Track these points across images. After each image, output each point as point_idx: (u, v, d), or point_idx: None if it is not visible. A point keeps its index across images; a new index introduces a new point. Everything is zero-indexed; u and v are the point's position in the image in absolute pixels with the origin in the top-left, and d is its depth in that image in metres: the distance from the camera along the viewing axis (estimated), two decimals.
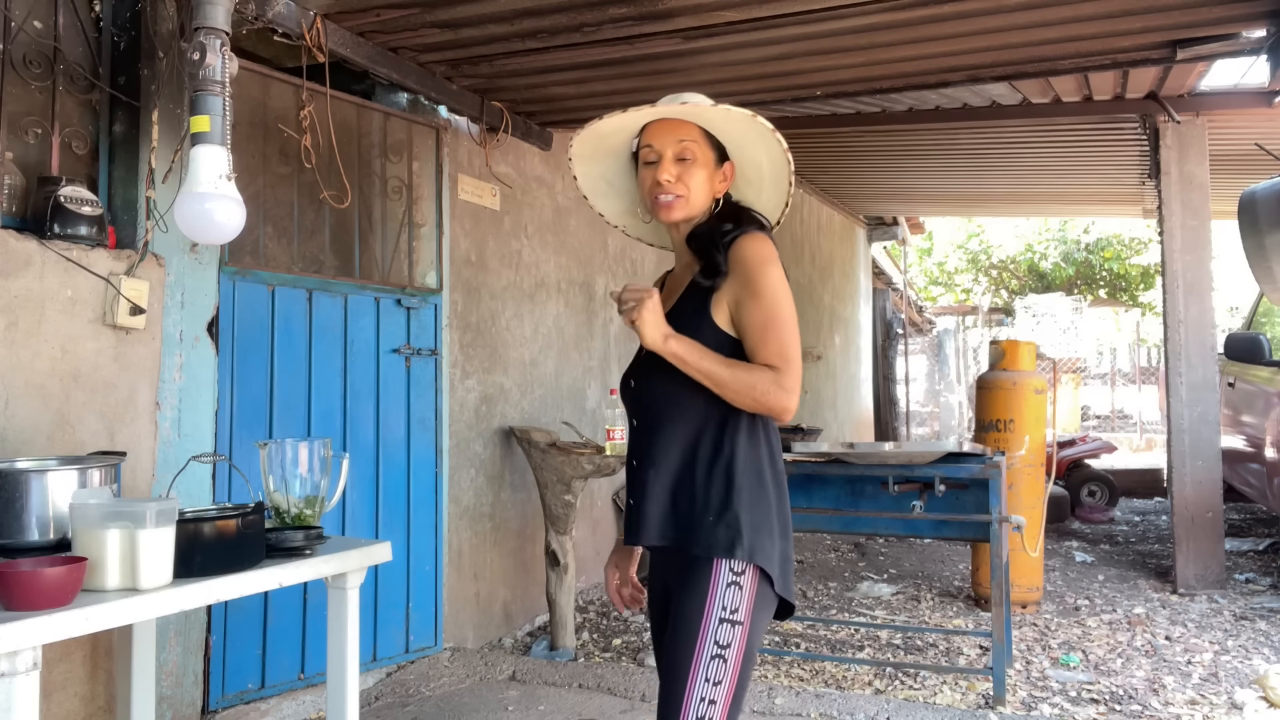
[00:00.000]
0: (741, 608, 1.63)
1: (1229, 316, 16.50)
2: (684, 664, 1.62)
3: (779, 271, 1.69)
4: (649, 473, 1.73)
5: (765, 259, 1.69)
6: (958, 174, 8.00)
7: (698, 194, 1.76)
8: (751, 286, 1.67)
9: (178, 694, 2.95)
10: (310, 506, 2.35)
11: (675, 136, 1.75)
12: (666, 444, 1.72)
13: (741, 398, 1.63)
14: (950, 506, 3.79)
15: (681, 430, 1.71)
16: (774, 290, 1.67)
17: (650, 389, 1.76)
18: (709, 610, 1.62)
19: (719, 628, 1.62)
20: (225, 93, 2.41)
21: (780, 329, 1.65)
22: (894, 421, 12.57)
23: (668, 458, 1.71)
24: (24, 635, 1.62)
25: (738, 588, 1.63)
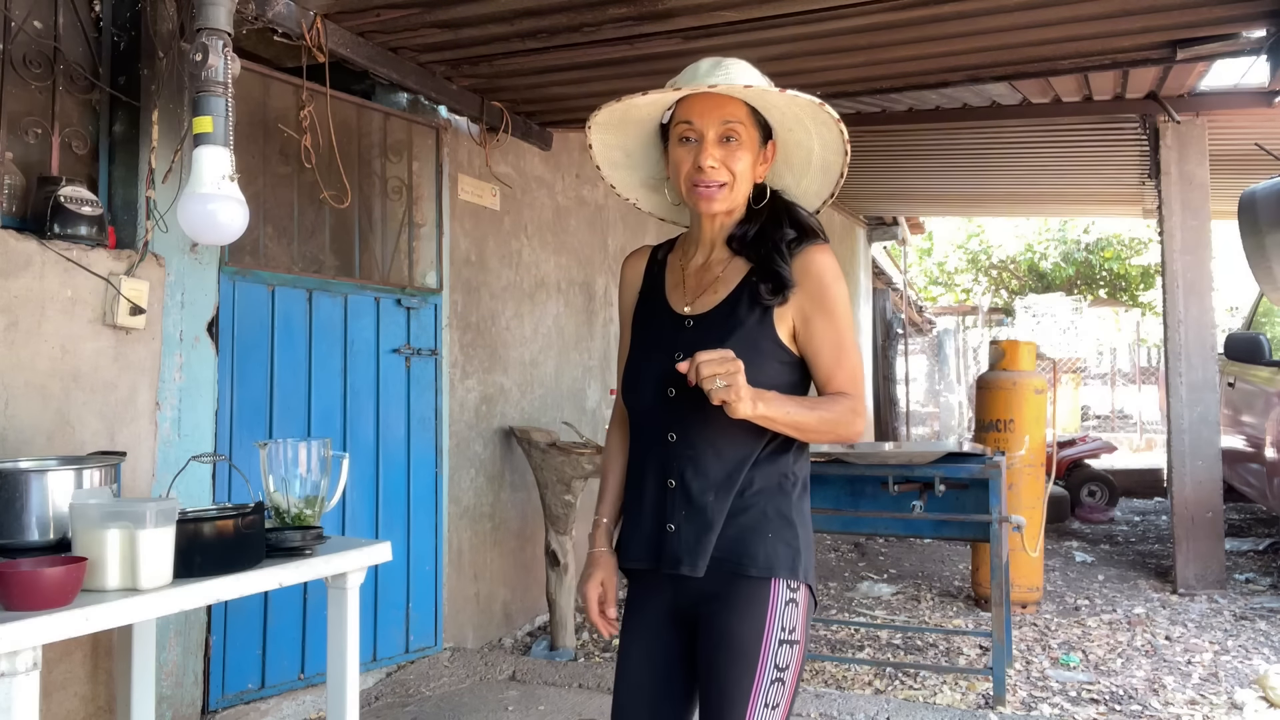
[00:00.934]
0: (798, 627, 1.55)
1: (1229, 316, 16.50)
2: (743, 692, 1.50)
3: (845, 288, 1.59)
4: (700, 493, 1.55)
5: (836, 273, 1.58)
6: (958, 174, 8.00)
7: (743, 180, 1.59)
8: (824, 304, 1.56)
9: (178, 694, 2.95)
10: (310, 506, 2.35)
11: (721, 115, 1.55)
12: (720, 460, 1.56)
13: (822, 436, 1.54)
14: (950, 506, 3.79)
15: (740, 444, 1.55)
16: (846, 310, 1.58)
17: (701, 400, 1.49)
18: (769, 632, 1.52)
19: (779, 650, 1.52)
20: (227, 93, 2.42)
21: (852, 352, 1.58)
22: (894, 421, 12.57)
23: (724, 475, 1.55)
24: (24, 635, 1.62)
25: (794, 605, 1.55)
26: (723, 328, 1.57)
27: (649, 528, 1.59)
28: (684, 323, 1.62)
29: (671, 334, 1.62)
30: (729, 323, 1.57)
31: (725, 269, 1.63)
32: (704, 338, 1.56)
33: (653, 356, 1.62)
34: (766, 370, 1.54)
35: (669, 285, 1.69)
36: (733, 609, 1.53)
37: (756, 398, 1.44)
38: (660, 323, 1.66)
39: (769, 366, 1.55)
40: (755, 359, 1.51)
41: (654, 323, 1.67)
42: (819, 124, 1.59)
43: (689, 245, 1.71)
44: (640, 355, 1.66)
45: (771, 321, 1.56)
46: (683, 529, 1.56)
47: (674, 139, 1.59)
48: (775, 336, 1.56)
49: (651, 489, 1.60)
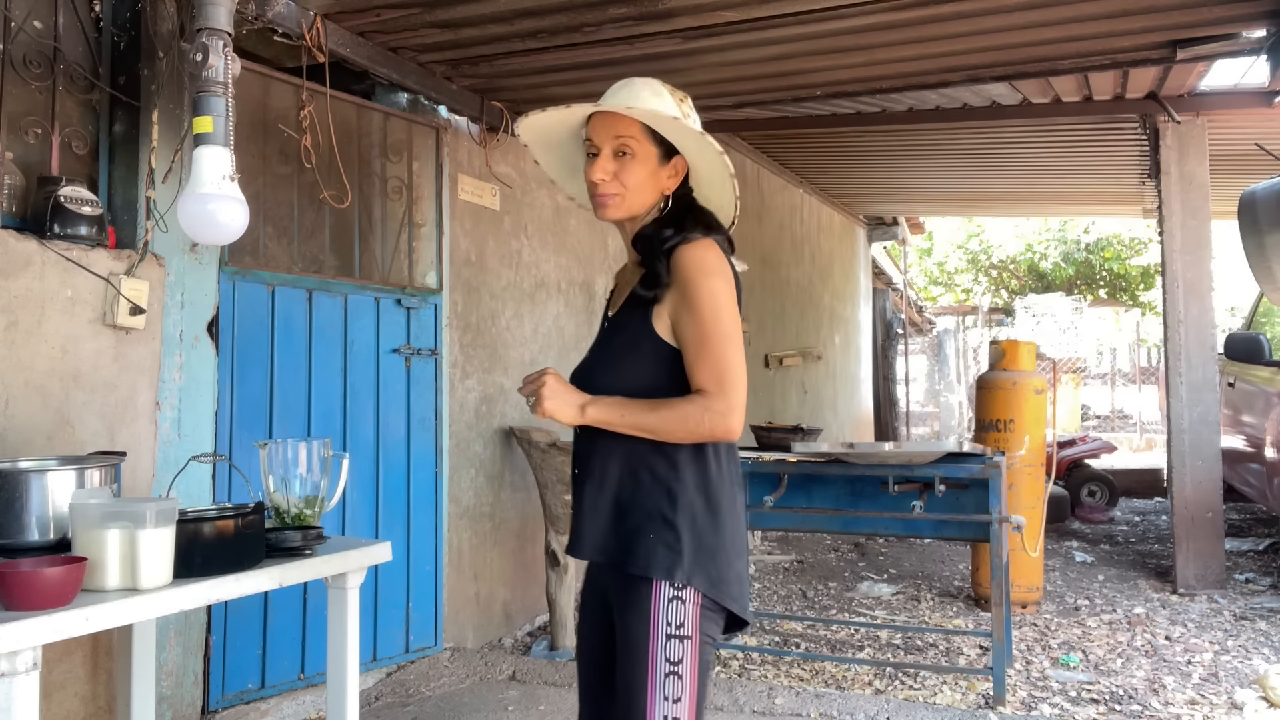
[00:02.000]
0: (687, 622, 1.58)
1: (1229, 316, 16.50)
2: (639, 686, 1.57)
3: (719, 282, 1.60)
4: (589, 485, 1.67)
5: (705, 269, 1.60)
6: (958, 174, 8.00)
7: (637, 192, 1.67)
8: (688, 299, 1.59)
9: (178, 694, 2.95)
10: (310, 506, 2.35)
11: (613, 132, 1.66)
12: (608, 455, 1.65)
13: (677, 436, 1.58)
14: (950, 506, 3.79)
15: (626, 443, 1.63)
16: (712, 303, 1.58)
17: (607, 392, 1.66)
18: (654, 629, 1.57)
19: (667, 644, 1.57)
20: (228, 94, 2.42)
21: (715, 346, 1.57)
22: (894, 421, 12.57)
23: (610, 471, 1.65)
24: (24, 635, 1.62)
25: (680, 602, 1.58)
26: (619, 328, 1.71)
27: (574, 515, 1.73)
28: (605, 325, 1.80)
29: (597, 337, 1.81)
30: (624, 324, 1.69)
31: (634, 273, 1.74)
32: (608, 338, 1.75)
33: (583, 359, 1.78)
34: (645, 367, 1.63)
35: (615, 293, 1.84)
36: (623, 605, 1.62)
37: (584, 405, 1.59)
38: (600, 327, 1.83)
39: (648, 363, 1.63)
40: (636, 356, 1.64)
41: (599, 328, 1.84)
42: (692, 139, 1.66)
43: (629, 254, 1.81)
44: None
45: (650, 319, 1.63)
46: (579, 516, 1.69)
47: (586, 154, 1.72)
48: (653, 333, 1.63)
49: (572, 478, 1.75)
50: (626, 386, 1.63)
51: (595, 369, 1.71)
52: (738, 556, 1.65)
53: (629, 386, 1.63)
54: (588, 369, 1.73)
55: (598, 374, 1.69)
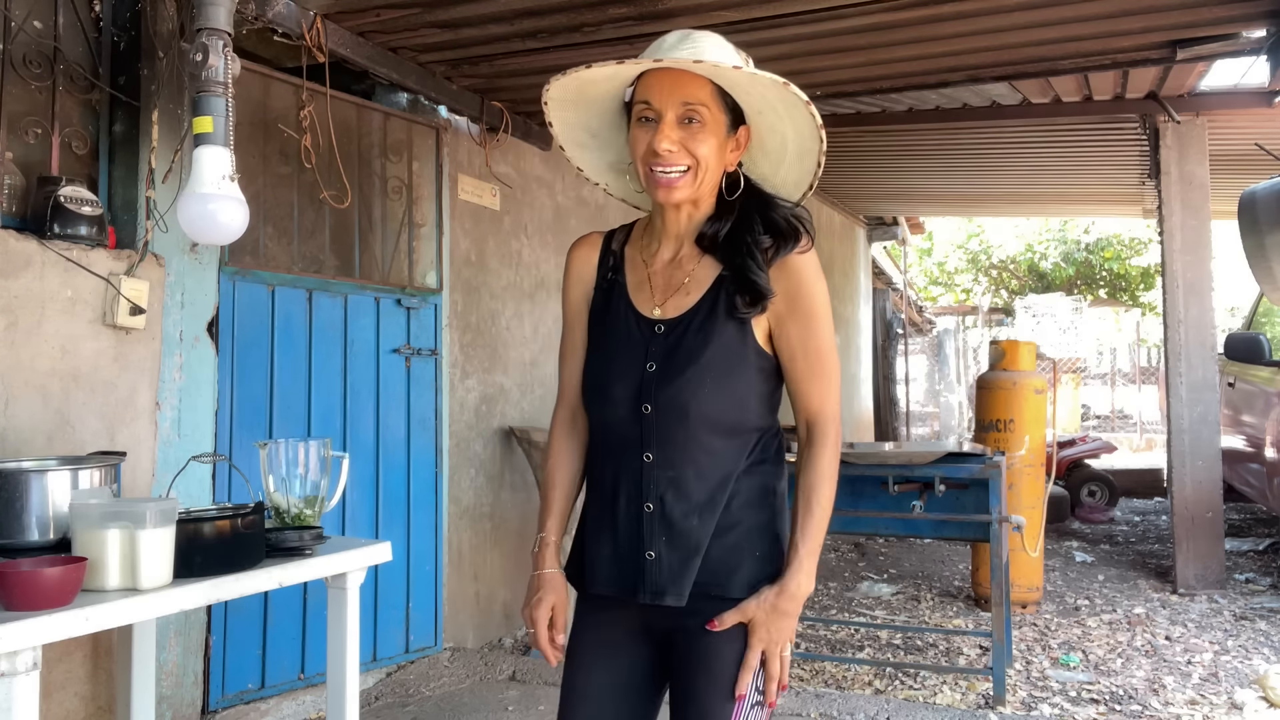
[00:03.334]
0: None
1: (1229, 316, 16.50)
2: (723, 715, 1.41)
3: (825, 291, 1.48)
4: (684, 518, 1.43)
5: (816, 278, 1.46)
6: (958, 174, 8.00)
7: (708, 169, 1.43)
8: (801, 309, 1.44)
9: (178, 694, 2.95)
10: (310, 506, 2.35)
11: (681, 95, 1.40)
12: (703, 479, 1.43)
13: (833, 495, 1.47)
14: (950, 506, 3.79)
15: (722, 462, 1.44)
16: (827, 321, 1.46)
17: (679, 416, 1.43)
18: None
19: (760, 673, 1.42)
20: (227, 93, 2.42)
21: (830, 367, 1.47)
22: (894, 421, 12.57)
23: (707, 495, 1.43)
24: (24, 635, 1.62)
25: None
26: (700, 335, 1.44)
27: (625, 554, 1.45)
28: (654, 328, 1.48)
29: (642, 340, 1.48)
30: (706, 331, 1.44)
31: (696, 268, 1.49)
32: (680, 345, 1.45)
33: (622, 365, 1.48)
34: (746, 378, 1.45)
35: (631, 283, 1.53)
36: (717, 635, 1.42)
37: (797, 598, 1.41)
38: (627, 326, 1.50)
39: (749, 374, 1.45)
40: (738, 368, 1.44)
41: (619, 326, 1.51)
42: (789, 106, 1.43)
43: (650, 237, 1.55)
44: (606, 362, 1.51)
45: (751, 329, 1.45)
46: (665, 557, 1.43)
47: (634, 119, 1.45)
48: (756, 345, 1.45)
49: (626, 512, 1.46)
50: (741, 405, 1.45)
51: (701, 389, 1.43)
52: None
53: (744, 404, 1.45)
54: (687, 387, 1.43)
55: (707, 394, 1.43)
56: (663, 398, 1.43)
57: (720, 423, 1.43)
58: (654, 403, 1.44)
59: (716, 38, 1.46)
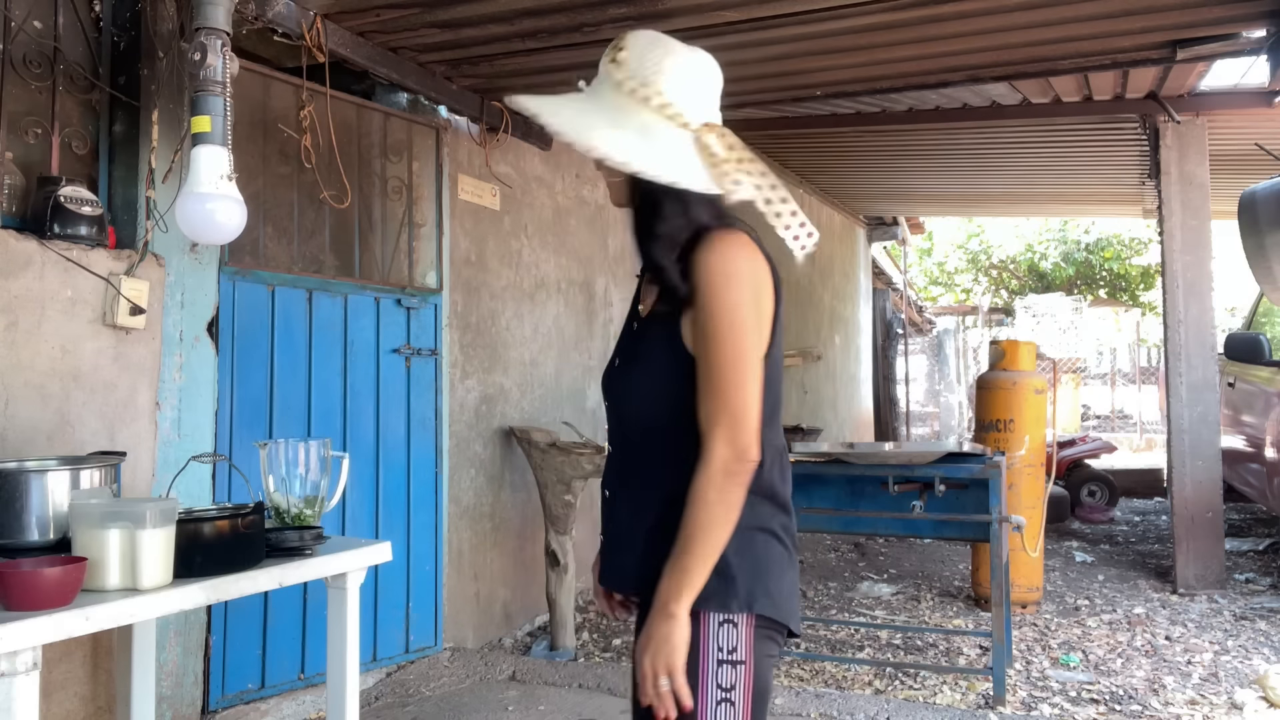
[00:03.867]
0: (740, 646, 1.40)
1: (1229, 316, 16.50)
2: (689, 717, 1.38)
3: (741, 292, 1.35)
4: (623, 512, 1.48)
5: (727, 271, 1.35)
6: (958, 174, 8.00)
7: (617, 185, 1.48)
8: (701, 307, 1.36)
9: (178, 694, 2.95)
10: (310, 506, 2.35)
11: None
12: (631, 474, 1.47)
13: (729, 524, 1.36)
14: (950, 506, 3.79)
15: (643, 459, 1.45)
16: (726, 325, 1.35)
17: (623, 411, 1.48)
18: (704, 659, 1.38)
19: (719, 671, 1.38)
20: (226, 93, 2.42)
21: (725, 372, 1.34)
22: (894, 421, 12.57)
23: (641, 489, 1.45)
24: (24, 635, 1.62)
25: (731, 625, 1.40)
26: (641, 334, 1.48)
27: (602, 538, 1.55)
28: (633, 325, 1.53)
29: (623, 337, 1.57)
30: (646, 329, 1.47)
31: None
32: (630, 343, 1.51)
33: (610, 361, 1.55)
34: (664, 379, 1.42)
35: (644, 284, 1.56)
36: None
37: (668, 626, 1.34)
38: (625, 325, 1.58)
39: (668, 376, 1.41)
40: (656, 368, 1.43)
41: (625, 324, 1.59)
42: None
43: None
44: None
45: (679, 329, 1.41)
46: (608, 543, 1.51)
47: None
48: (680, 346, 1.40)
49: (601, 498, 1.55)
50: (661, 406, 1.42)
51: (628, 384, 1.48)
52: (791, 566, 1.46)
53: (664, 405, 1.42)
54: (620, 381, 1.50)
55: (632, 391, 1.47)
56: (610, 392, 1.53)
57: (638, 419, 1.46)
58: (609, 396, 1.54)
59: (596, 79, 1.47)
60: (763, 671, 1.42)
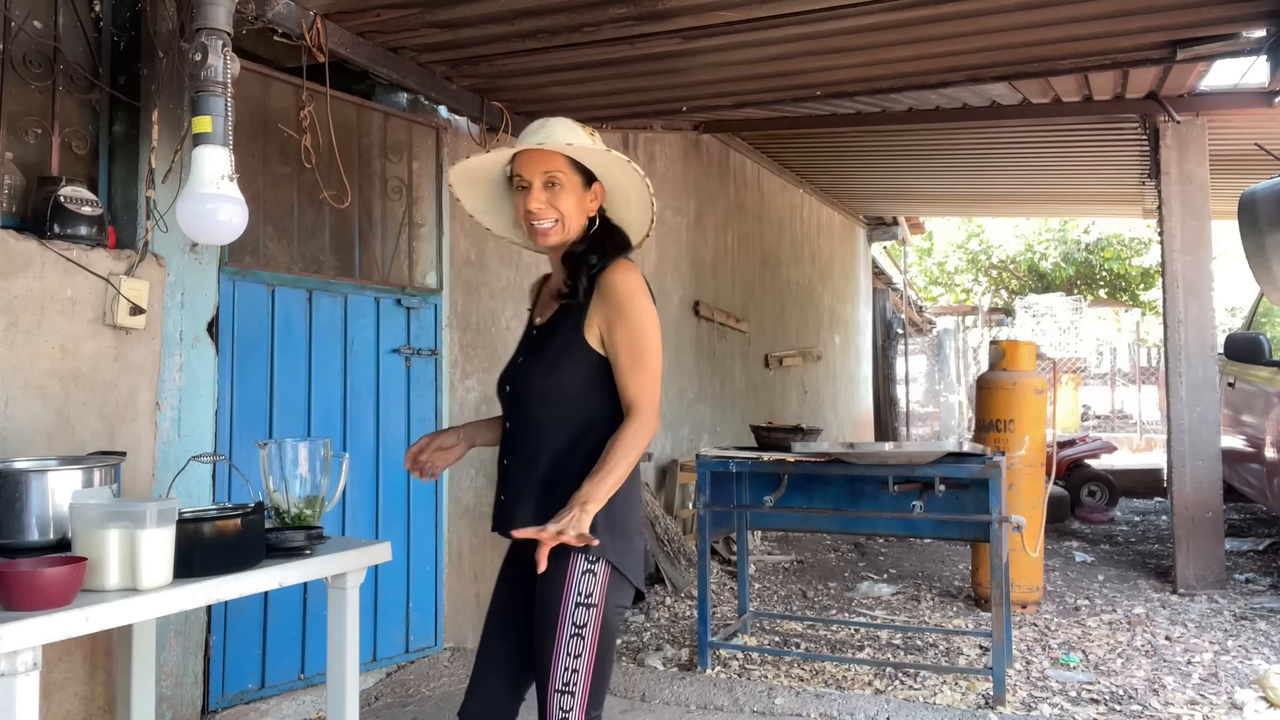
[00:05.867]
0: (595, 593, 1.84)
1: (1229, 316, 16.50)
2: (549, 642, 1.84)
3: (647, 301, 1.89)
4: (521, 472, 1.92)
5: (634, 288, 1.88)
6: (958, 174, 8.01)
7: (571, 217, 1.92)
8: (623, 317, 1.86)
9: (178, 694, 2.95)
10: (310, 506, 2.35)
11: (542, 167, 1.90)
12: (538, 445, 1.91)
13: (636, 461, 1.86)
14: (950, 506, 3.79)
15: (552, 434, 1.90)
16: (643, 320, 1.87)
17: (525, 393, 1.94)
18: (566, 597, 1.83)
19: (576, 610, 1.83)
20: (227, 93, 2.41)
21: (647, 359, 1.87)
22: (894, 421, 12.57)
23: (539, 459, 1.90)
24: (24, 635, 1.62)
25: (592, 575, 1.85)
26: (550, 335, 1.94)
27: (498, 500, 1.98)
28: (532, 331, 2.04)
29: (524, 342, 2.05)
30: (554, 331, 1.93)
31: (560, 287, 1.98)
32: (536, 343, 1.98)
33: (512, 359, 2.04)
34: (577, 371, 1.89)
35: (538, 303, 2.11)
36: (545, 575, 1.82)
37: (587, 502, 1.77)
38: (524, 333, 2.09)
39: (575, 367, 1.89)
40: (568, 361, 1.89)
41: (523, 334, 2.09)
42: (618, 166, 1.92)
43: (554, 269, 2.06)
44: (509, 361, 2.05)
45: (582, 329, 1.89)
46: (507, 500, 1.95)
47: (515, 189, 1.97)
48: (584, 341, 1.89)
49: (498, 467, 2.00)
50: (562, 388, 1.90)
51: (534, 372, 1.94)
52: (637, 534, 1.95)
53: (564, 388, 1.90)
54: (526, 371, 1.96)
55: (536, 377, 1.93)
56: (516, 381, 1.98)
57: (543, 401, 1.91)
58: (513, 385, 1.98)
59: (566, 122, 1.93)
60: (610, 617, 1.87)
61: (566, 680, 1.83)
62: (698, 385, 6.55)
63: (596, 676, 1.86)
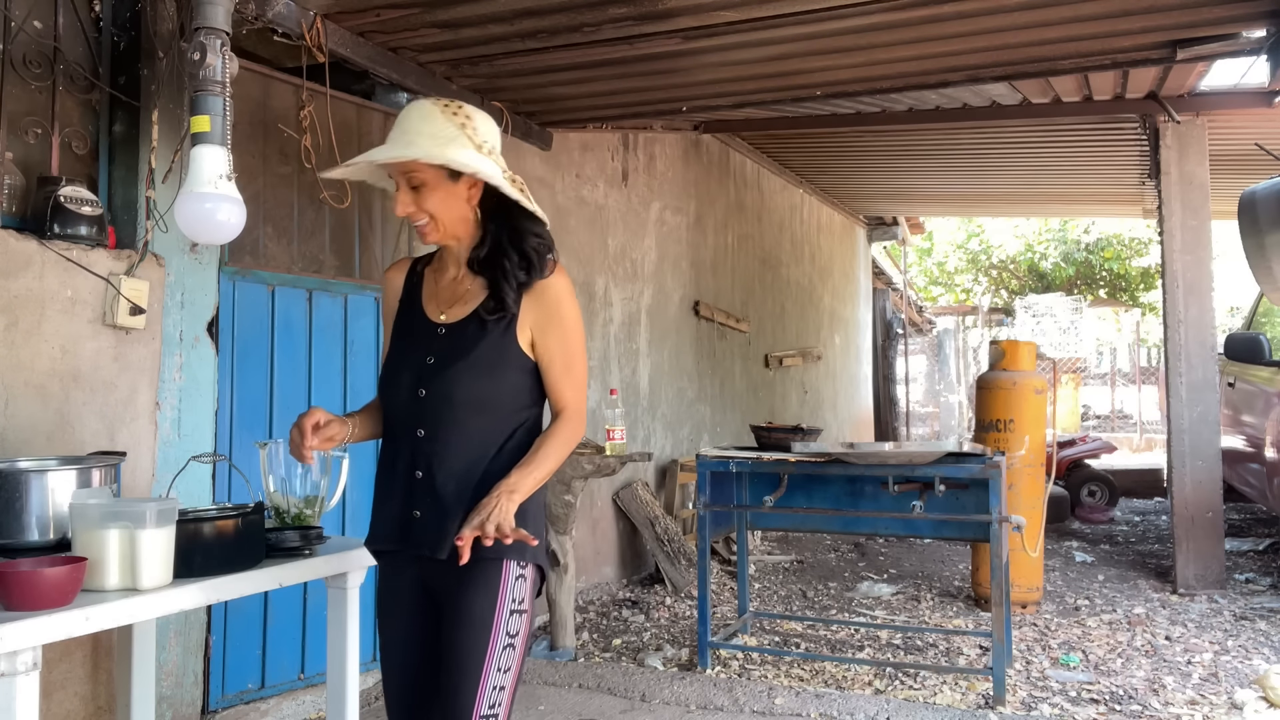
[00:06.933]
0: (525, 598, 1.79)
1: (1229, 316, 16.50)
2: (476, 657, 1.71)
3: (577, 304, 1.87)
4: (449, 484, 1.76)
5: (566, 293, 1.84)
6: (958, 174, 8.00)
7: (442, 215, 1.80)
8: (556, 320, 1.82)
9: (178, 694, 2.95)
10: (310, 506, 2.35)
11: (400, 168, 1.79)
12: (460, 455, 1.77)
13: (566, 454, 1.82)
14: (950, 506, 3.79)
15: (483, 443, 1.78)
16: (576, 326, 1.85)
17: (445, 399, 1.78)
18: (501, 605, 1.74)
19: (510, 619, 1.75)
20: (225, 93, 2.41)
21: (579, 364, 1.85)
22: (894, 421, 12.57)
23: (464, 467, 1.77)
24: (24, 635, 1.62)
25: (523, 580, 1.78)
26: (471, 336, 1.80)
27: (397, 513, 1.80)
28: (438, 330, 1.84)
29: (427, 340, 1.84)
30: (476, 334, 1.80)
31: (470, 285, 1.86)
32: (456, 343, 1.81)
33: (409, 359, 1.84)
34: (504, 374, 1.80)
35: (425, 296, 1.90)
36: (471, 586, 1.74)
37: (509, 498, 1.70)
38: (418, 330, 1.86)
39: (507, 371, 1.80)
40: (498, 365, 1.79)
41: (413, 330, 1.87)
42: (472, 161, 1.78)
43: (442, 262, 1.93)
44: (398, 358, 1.87)
45: (515, 333, 1.81)
46: (427, 516, 1.77)
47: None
48: (518, 348, 1.81)
49: (401, 478, 1.80)
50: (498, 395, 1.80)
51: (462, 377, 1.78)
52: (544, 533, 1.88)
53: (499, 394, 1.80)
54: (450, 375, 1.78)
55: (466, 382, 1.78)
56: (435, 385, 1.79)
57: (478, 408, 1.78)
58: (428, 388, 1.79)
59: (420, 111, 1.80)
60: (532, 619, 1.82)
61: (493, 703, 1.71)
62: (698, 385, 6.55)
63: (515, 693, 1.78)
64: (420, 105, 1.81)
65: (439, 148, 1.75)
